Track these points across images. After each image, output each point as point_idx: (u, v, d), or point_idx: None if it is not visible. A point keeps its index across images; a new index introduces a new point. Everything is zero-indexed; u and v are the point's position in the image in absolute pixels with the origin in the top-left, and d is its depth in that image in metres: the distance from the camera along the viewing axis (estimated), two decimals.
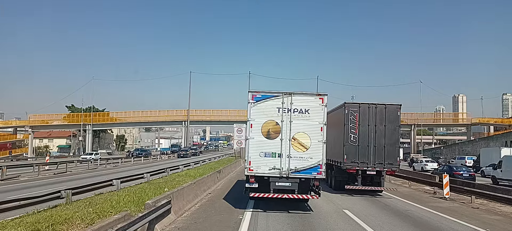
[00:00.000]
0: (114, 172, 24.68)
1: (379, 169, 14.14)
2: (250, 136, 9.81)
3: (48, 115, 67.37)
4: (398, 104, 14.45)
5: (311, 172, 9.65)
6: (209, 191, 13.51)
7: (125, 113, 68.34)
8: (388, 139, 14.08)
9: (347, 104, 14.47)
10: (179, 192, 9.36)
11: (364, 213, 10.29)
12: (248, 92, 9.95)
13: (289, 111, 9.78)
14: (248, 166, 9.74)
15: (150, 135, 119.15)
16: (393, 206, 12.00)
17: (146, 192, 10.03)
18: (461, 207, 12.32)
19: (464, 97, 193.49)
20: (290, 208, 10.39)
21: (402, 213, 10.74)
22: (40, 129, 69.11)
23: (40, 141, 74.68)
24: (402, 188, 17.73)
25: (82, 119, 63.29)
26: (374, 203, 12.62)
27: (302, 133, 9.68)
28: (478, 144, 49.08)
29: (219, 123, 68.82)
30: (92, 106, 67.81)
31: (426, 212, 11.00)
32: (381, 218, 9.74)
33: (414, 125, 64.61)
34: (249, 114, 9.86)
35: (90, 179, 17.55)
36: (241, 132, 37.48)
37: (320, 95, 9.93)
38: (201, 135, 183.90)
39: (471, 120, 66.63)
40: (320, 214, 9.99)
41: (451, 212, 11.12)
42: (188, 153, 54.88)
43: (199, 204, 10.89)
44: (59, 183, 16.97)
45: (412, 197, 14.42)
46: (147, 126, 78.92)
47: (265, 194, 9.80)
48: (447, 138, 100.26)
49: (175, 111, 65.36)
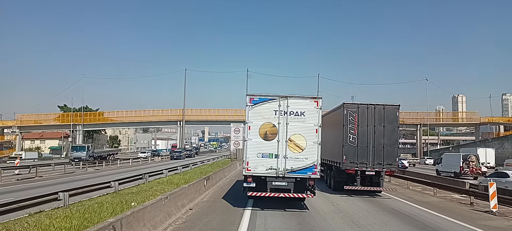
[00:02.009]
0: (88, 177, 23.72)
1: (378, 169, 14.90)
2: (248, 137, 10.76)
3: (36, 115, 68.00)
4: (396, 105, 15.24)
5: (306, 172, 10.61)
6: (190, 205, 10.95)
7: (117, 113, 69.03)
8: (387, 139, 14.85)
9: (346, 105, 15.25)
10: (135, 216, 6.72)
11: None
12: (246, 95, 10.90)
13: (285, 114, 10.73)
14: (246, 166, 10.70)
15: (146, 136, 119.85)
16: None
17: (90, 214, 7.83)
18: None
19: (464, 98, 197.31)
20: (286, 206, 11.29)
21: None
22: (28, 130, 69.83)
23: (31, 142, 75.35)
24: (427, 197, 15.76)
25: (73, 119, 63.98)
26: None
27: (298, 135, 10.63)
28: (491, 144, 49.85)
29: (216, 123, 69.71)
30: (83, 106, 68.53)
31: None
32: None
33: (420, 125, 65.18)
34: (247, 116, 10.80)
35: (48, 188, 15.76)
36: (238, 132, 37.48)
37: (315, 98, 10.94)
38: (200, 135, 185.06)
39: (479, 120, 67.32)
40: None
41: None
42: (183, 155, 55.40)
43: (172, 228, 8.41)
44: (3, 194, 15.05)
45: (447, 210, 12.13)
46: (141, 126, 79.63)
47: (262, 193, 10.76)
48: (451, 138, 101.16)
49: (170, 110, 66.21)
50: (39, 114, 68.23)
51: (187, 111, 64.89)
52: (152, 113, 67.28)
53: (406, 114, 64.89)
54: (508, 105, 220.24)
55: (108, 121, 69.12)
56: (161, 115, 66.85)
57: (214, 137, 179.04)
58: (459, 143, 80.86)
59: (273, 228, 8.72)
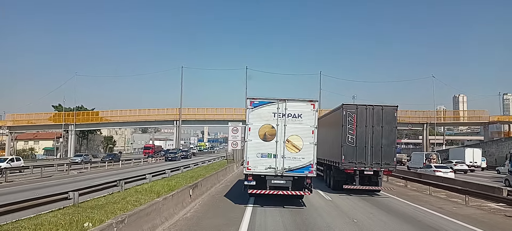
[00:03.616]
0: (65, 182, 21.68)
1: (377, 169, 15.99)
2: (249, 138, 12.02)
3: (27, 115, 68.26)
4: (394, 106, 16.31)
5: (303, 170, 11.86)
6: (165, 226, 8.71)
7: (112, 113, 68.99)
8: (385, 140, 15.92)
9: (345, 106, 16.31)
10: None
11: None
12: (247, 98, 12.24)
13: (283, 116, 11.98)
14: (246, 166, 11.98)
15: (144, 137, 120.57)
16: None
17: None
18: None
19: (464, 98, 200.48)
20: (285, 203, 12.54)
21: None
22: (20, 130, 70.44)
23: (25, 143, 76.05)
24: (460, 207, 13.71)
25: (64, 119, 64.39)
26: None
27: (295, 136, 11.89)
28: (504, 144, 50.65)
29: (214, 123, 69.98)
30: (76, 106, 69.37)
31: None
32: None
33: (426, 124, 65.82)
34: (247, 118, 12.08)
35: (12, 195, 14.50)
36: (236, 131, 35.72)
37: (311, 101, 12.15)
38: (200, 136, 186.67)
39: (488, 118, 67.94)
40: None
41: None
42: (178, 156, 55.13)
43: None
44: None
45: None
46: (136, 126, 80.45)
47: (262, 191, 12.03)
48: (454, 138, 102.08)
49: (167, 110, 66.41)
50: (30, 114, 68.55)
51: (184, 111, 65.23)
52: (147, 112, 67.39)
53: (412, 113, 65.72)
54: (509, 105, 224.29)
55: (103, 121, 69.18)
56: (157, 114, 67.02)
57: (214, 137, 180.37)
58: (463, 143, 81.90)
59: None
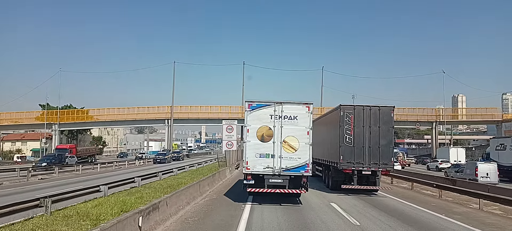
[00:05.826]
0: (21, 191, 19.13)
1: (374, 169, 17.42)
2: (247, 139, 13.52)
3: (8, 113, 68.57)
4: (391, 106, 17.74)
5: (299, 170, 13.36)
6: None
7: (99, 111, 69.14)
8: (382, 140, 17.34)
9: (342, 107, 17.71)
10: None
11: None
12: (245, 102, 13.75)
13: (280, 118, 13.48)
14: (245, 166, 13.49)
15: (138, 137, 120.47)
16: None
17: None
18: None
19: (464, 98, 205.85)
20: (282, 201, 14.05)
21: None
22: (3, 130, 70.71)
23: (12, 144, 76.78)
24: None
25: (48, 118, 64.46)
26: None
27: (291, 137, 13.39)
28: None
29: (208, 121, 69.93)
30: (59, 104, 70.21)
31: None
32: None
33: (436, 122, 66.71)
34: (246, 121, 13.60)
35: None
36: (231, 130, 34.89)
37: (306, 104, 13.65)
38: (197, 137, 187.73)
39: (502, 116, 69.01)
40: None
41: None
42: (167, 158, 55.19)
43: None
44: None
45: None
46: (125, 125, 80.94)
47: (260, 189, 13.55)
48: (462, 137, 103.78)
49: (158, 108, 66.58)
50: (12, 113, 68.73)
51: (176, 109, 65.28)
52: (137, 111, 67.19)
53: (420, 111, 66.39)
54: (508, 105, 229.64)
55: (92, 120, 69.06)
56: (147, 113, 66.90)
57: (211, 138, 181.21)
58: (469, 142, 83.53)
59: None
